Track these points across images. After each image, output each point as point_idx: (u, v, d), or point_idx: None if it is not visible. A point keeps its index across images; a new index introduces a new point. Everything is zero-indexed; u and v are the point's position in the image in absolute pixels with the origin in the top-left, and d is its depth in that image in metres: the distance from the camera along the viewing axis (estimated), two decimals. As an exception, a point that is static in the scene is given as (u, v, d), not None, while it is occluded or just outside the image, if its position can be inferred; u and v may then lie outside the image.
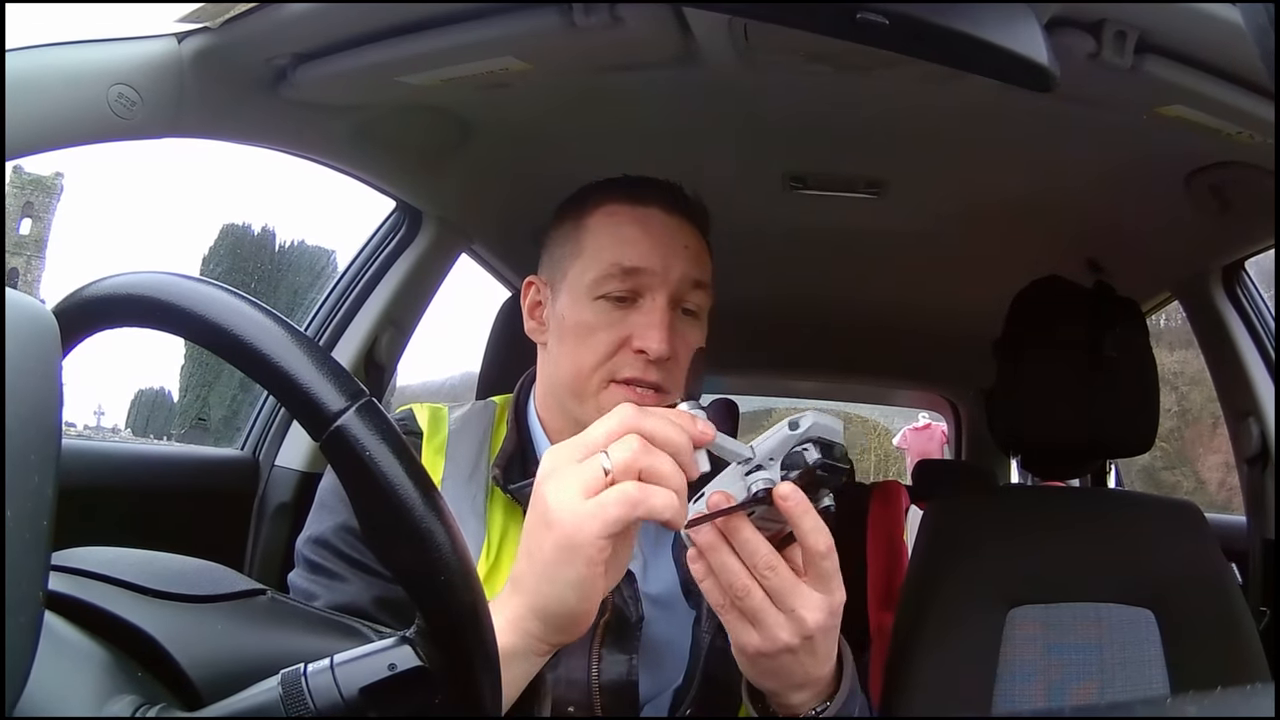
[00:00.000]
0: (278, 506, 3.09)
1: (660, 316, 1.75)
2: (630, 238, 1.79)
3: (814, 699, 1.49)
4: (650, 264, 1.76)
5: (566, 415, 1.84)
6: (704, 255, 1.87)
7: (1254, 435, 3.01)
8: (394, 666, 0.88)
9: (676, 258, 1.79)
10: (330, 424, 0.82)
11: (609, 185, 1.89)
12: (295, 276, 22.04)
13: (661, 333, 1.73)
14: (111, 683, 0.84)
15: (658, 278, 1.77)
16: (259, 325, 0.84)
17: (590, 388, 1.78)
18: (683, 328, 1.81)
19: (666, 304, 1.77)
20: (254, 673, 0.89)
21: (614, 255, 1.77)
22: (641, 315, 1.76)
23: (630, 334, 1.75)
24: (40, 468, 0.65)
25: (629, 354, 1.76)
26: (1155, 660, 2.32)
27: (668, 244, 1.79)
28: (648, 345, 1.73)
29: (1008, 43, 1.36)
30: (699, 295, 1.83)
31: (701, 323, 1.87)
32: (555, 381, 1.86)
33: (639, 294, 1.77)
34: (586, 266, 1.80)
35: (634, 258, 1.76)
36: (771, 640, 1.39)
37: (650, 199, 1.83)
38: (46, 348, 0.70)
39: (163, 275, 0.85)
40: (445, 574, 0.85)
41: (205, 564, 1.03)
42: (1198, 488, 19.16)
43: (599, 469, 1.32)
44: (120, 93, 1.81)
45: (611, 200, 1.84)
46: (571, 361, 1.80)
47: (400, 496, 0.83)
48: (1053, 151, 2.55)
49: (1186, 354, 15.95)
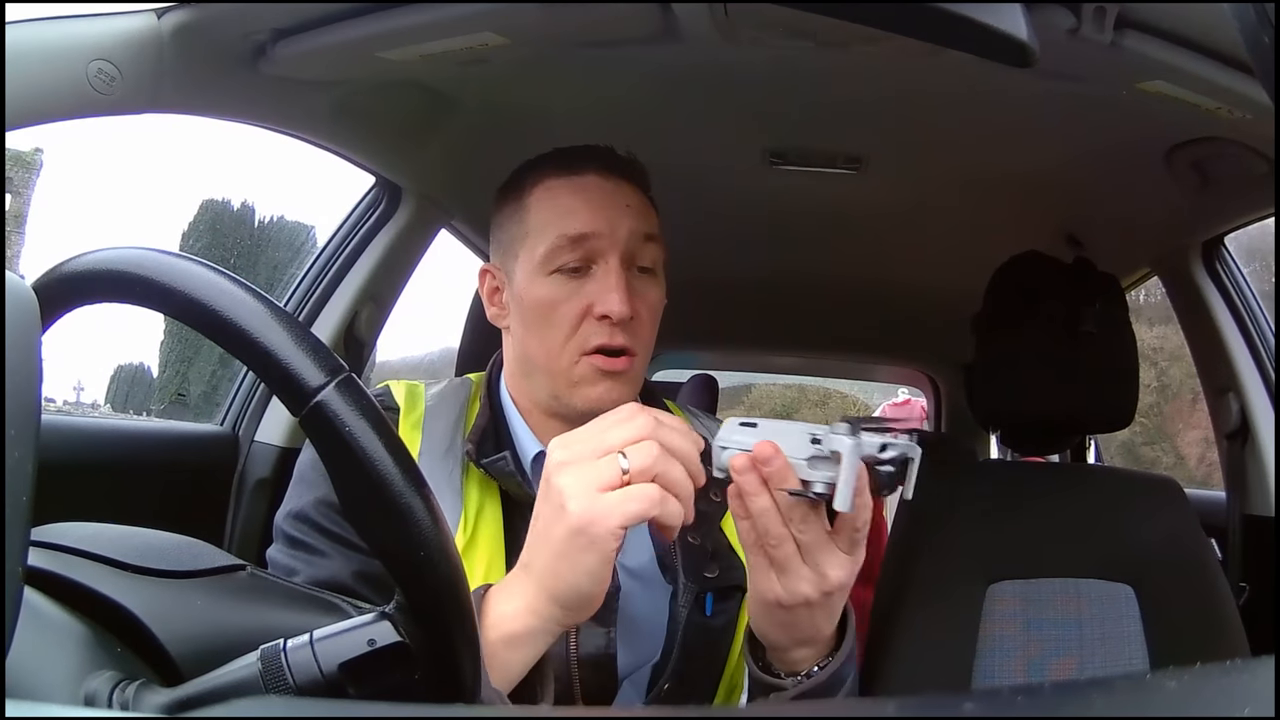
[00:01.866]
0: (257, 482, 3.08)
1: (616, 278, 1.75)
2: (572, 207, 1.79)
3: (814, 656, 1.49)
4: (596, 228, 1.77)
5: (540, 393, 1.85)
6: (648, 210, 1.87)
7: (1233, 410, 3.02)
8: (373, 642, 0.88)
9: (621, 216, 1.79)
10: (310, 399, 0.83)
11: (543, 161, 1.89)
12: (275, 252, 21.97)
13: (620, 294, 1.74)
14: (90, 658, 0.84)
15: (605, 240, 1.77)
16: (238, 301, 0.84)
17: (563, 364, 1.79)
18: (641, 286, 1.82)
19: (619, 265, 1.77)
20: (233, 648, 0.89)
21: (559, 227, 1.78)
22: (597, 281, 1.77)
23: (591, 302, 1.76)
24: (20, 443, 0.65)
25: (593, 322, 1.76)
26: (1134, 636, 2.33)
27: (610, 205, 1.80)
28: (609, 308, 1.74)
29: (988, 18, 1.36)
30: (651, 249, 1.84)
31: (659, 279, 1.87)
32: (526, 362, 1.86)
33: (591, 260, 1.78)
34: (535, 244, 1.80)
35: (579, 225, 1.77)
36: (792, 592, 1.39)
37: (585, 166, 1.84)
38: (26, 323, 0.70)
39: (142, 251, 0.85)
40: (425, 549, 0.85)
41: (185, 539, 1.03)
42: (1177, 463, 19.22)
43: (617, 469, 1.33)
44: (100, 68, 1.80)
45: (548, 175, 1.85)
46: (540, 341, 1.81)
47: (380, 472, 0.83)
48: (1033, 127, 2.55)
49: (1166, 329, 16.01)
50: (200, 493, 3.04)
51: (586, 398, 1.78)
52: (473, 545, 1.71)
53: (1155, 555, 2.36)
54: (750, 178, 3.06)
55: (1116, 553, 2.37)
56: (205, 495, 3.04)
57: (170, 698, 0.84)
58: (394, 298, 3.36)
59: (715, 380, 5.36)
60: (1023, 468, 2.84)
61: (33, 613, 0.83)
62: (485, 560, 1.69)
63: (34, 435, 0.67)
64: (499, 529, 1.75)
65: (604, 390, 1.78)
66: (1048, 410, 2.49)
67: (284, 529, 1.74)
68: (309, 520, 1.70)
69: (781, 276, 4.20)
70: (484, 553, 1.69)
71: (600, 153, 1.88)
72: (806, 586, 1.39)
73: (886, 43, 2.00)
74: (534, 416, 1.88)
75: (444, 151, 2.80)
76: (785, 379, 16.46)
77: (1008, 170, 2.88)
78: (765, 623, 1.48)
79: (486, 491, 1.78)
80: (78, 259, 0.86)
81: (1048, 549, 2.38)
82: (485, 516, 1.76)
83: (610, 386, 1.79)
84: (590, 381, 1.78)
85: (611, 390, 1.79)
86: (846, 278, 4.23)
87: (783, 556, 1.39)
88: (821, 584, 1.38)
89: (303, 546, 1.69)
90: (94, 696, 0.81)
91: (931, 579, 2.36)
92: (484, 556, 1.68)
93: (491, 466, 1.75)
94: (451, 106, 2.59)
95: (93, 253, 0.86)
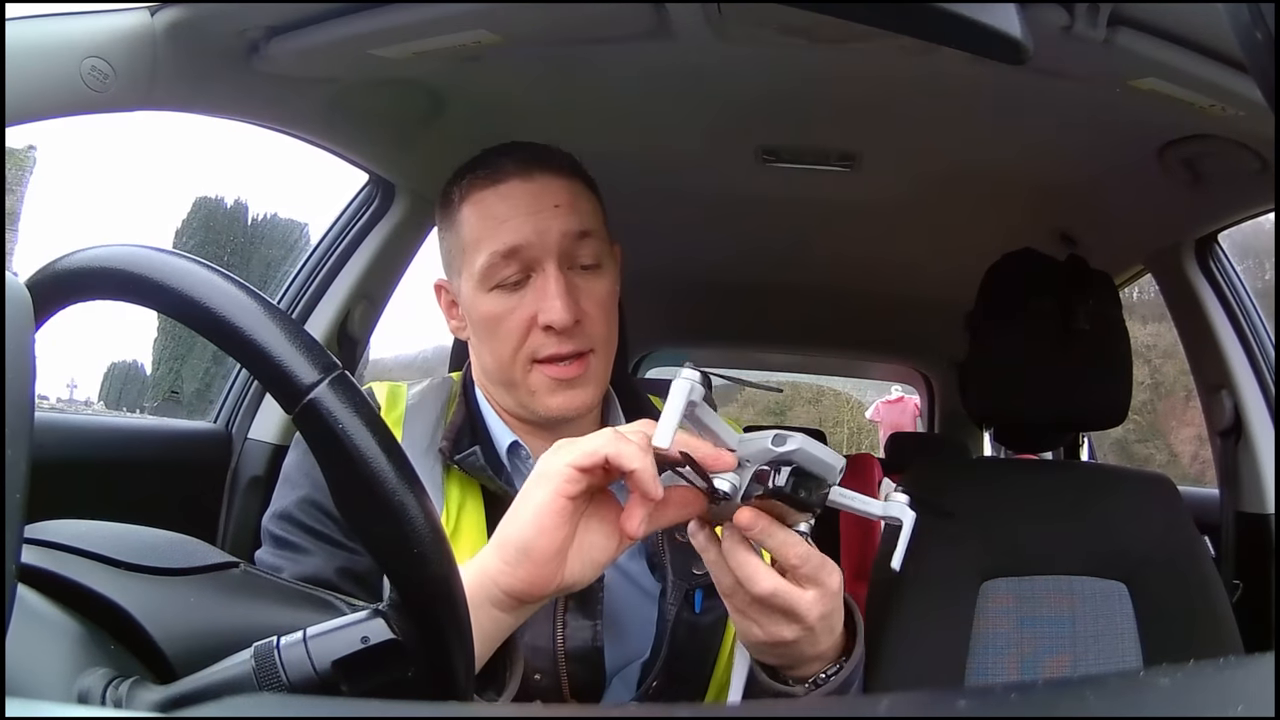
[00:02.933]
0: (250, 479, 3.08)
1: (554, 286, 1.75)
2: (498, 217, 1.78)
3: (823, 665, 1.49)
4: (524, 238, 1.76)
5: (507, 400, 1.87)
6: (580, 203, 1.84)
7: (1227, 408, 3.02)
8: (367, 639, 0.88)
9: (550, 220, 1.77)
10: (303, 397, 0.82)
11: (468, 171, 1.87)
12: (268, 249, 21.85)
13: (561, 301, 1.74)
14: (84, 655, 0.84)
15: (537, 248, 1.76)
16: (232, 298, 0.84)
17: (516, 375, 1.80)
18: (586, 284, 1.81)
19: (556, 271, 1.76)
20: (227, 645, 0.89)
21: (489, 244, 1.77)
22: (535, 291, 1.77)
23: (534, 312, 1.76)
24: (13, 441, 0.65)
25: (539, 332, 1.77)
26: (1128, 633, 2.33)
27: (535, 210, 1.78)
28: (551, 319, 1.74)
29: (980, 16, 1.36)
30: (589, 245, 1.82)
31: (605, 270, 1.86)
32: (487, 373, 1.88)
33: (529, 269, 1.78)
34: (472, 260, 1.80)
35: (506, 238, 1.76)
36: (772, 635, 1.39)
37: (505, 172, 1.81)
38: (19, 321, 0.70)
39: (135, 248, 0.85)
40: (418, 546, 0.85)
41: (178, 537, 1.03)
42: (1171, 461, 19.19)
43: (579, 445, 1.32)
44: (93, 65, 1.80)
45: (473, 187, 1.83)
46: (491, 353, 1.83)
47: (373, 469, 0.83)
48: (1026, 125, 2.56)
49: (1160, 327, 15.95)
50: (193, 490, 3.04)
51: (549, 406, 1.80)
52: (455, 542, 1.71)
53: (1149, 553, 2.37)
54: (743, 175, 3.06)
55: (1110, 550, 2.37)
56: (198, 493, 3.04)
57: (164, 695, 0.84)
58: (387, 295, 3.35)
59: (708, 377, 5.36)
60: (1016, 465, 2.85)
61: (26, 610, 0.83)
62: (468, 557, 1.69)
63: (27, 433, 0.67)
64: (481, 525, 1.76)
65: (565, 399, 1.80)
66: (1041, 407, 2.49)
67: (270, 530, 1.75)
68: (292, 519, 1.71)
69: (774, 274, 4.20)
70: (466, 549, 1.67)
71: (518, 152, 1.86)
72: (785, 631, 1.39)
73: (879, 40, 2.00)
74: (507, 418, 1.89)
75: (437, 149, 2.78)
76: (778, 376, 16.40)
77: (1001, 167, 2.88)
78: (763, 656, 1.48)
79: (467, 489, 1.79)
80: (71, 256, 0.86)
81: (1041, 546, 2.39)
82: (467, 513, 1.77)
83: (570, 395, 1.80)
84: (548, 391, 1.80)
85: (573, 397, 1.80)
86: (839, 275, 4.23)
87: (742, 606, 1.40)
88: (799, 625, 1.38)
89: (287, 545, 1.70)
90: (87, 694, 0.81)
91: (924, 576, 2.35)
92: (466, 553, 1.68)
93: (464, 462, 1.76)
94: (444, 104, 2.60)
95: (86, 250, 0.86)
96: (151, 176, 23.91)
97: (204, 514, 3.03)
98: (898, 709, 0.61)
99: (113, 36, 1.84)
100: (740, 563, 1.35)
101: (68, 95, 1.79)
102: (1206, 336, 3.06)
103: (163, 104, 2.02)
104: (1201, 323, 3.07)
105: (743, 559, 1.35)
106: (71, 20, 1.80)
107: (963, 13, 1.33)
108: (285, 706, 0.75)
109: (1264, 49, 0.68)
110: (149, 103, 1.97)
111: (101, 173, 21.14)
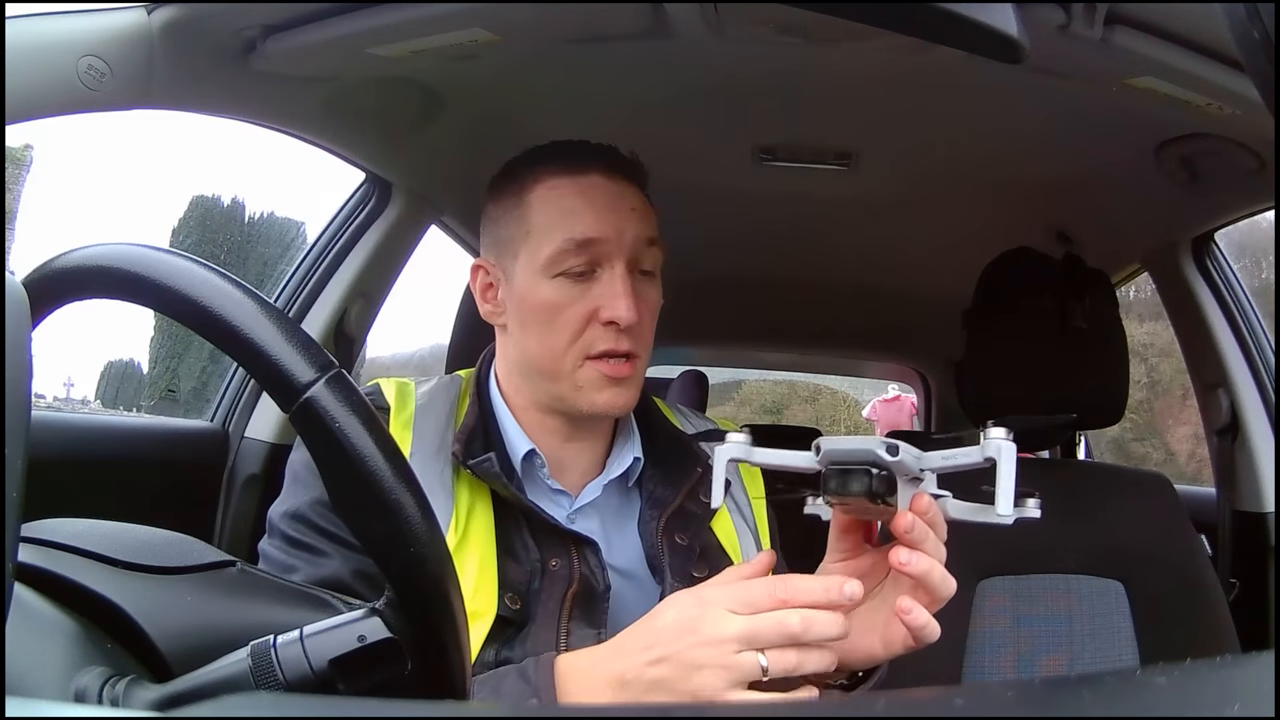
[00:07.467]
0: (247, 478, 3.08)
1: (623, 285, 1.74)
2: (577, 209, 1.77)
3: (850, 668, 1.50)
4: (603, 233, 1.75)
5: (539, 393, 1.84)
6: (650, 212, 1.85)
7: (1223, 407, 3.03)
8: (363, 638, 0.88)
9: (626, 221, 1.78)
10: (299, 396, 0.82)
11: (544, 156, 1.86)
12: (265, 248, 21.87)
13: (628, 300, 1.73)
14: (81, 654, 0.84)
15: (612, 245, 1.76)
16: (228, 297, 0.83)
17: (566, 367, 1.78)
18: (643, 290, 1.81)
19: (625, 270, 1.76)
20: (223, 644, 0.89)
21: (565, 231, 1.76)
22: (603, 286, 1.76)
23: (597, 306, 1.75)
24: (10, 439, 0.65)
25: (599, 327, 1.76)
26: (1125, 632, 2.33)
27: (615, 209, 1.78)
28: (617, 315, 1.73)
29: (977, 14, 1.36)
30: (653, 253, 1.83)
31: (658, 281, 1.87)
32: (525, 364, 1.85)
33: (597, 264, 1.77)
34: (538, 245, 1.78)
35: (585, 230, 1.75)
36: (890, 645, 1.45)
37: (590, 166, 1.82)
38: (16, 320, 0.70)
39: (132, 247, 0.85)
40: (415, 545, 0.85)
41: (174, 535, 1.03)
42: (1167, 459, 19.21)
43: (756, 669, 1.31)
44: (90, 64, 1.80)
45: (550, 173, 1.82)
46: (541, 343, 1.80)
47: (370, 468, 0.83)
48: (1022, 123, 2.56)
49: (1156, 325, 15.98)
50: (190, 489, 3.03)
51: (593, 402, 1.79)
52: (464, 545, 1.70)
53: (1145, 551, 2.37)
54: (740, 174, 3.07)
55: (1106, 549, 2.37)
56: (195, 491, 3.04)
57: (160, 694, 0.84)
58: (384, 294, 3.35)
59: (705, 376, 5.36)
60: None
61: (23, 609, 0.83)
62: (477, 559, 1.67)
63: (24, 431, 0.67)
64: (490, 528, 1.74)
65: (611, 396, 1.79)
66: (1038, 406, 2.49)
67: (281, 528, 1.72)
68: (307, 520, 1.69)
69: (771, 272, 4.20)
70: (475, 552, 1.67)
71: (604, 151, 1.85)
72: (900, 645, 1.44)
73: (876, 39, 2.00)
74: (529, 414, 1.87)
75: (434, 147, 2.79)
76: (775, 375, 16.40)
77: (998, 166, 2.88)
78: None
79: (477, 491, 1.77)
80: (68, 255, 0.86)
81: (1038, 545, 2.39)
82: (476, 516, 1.74)
83: (617, 392, 1.79)
84: (596, 387, 1.78)
85: (618, 396, 1.79)
86: (836, 273, 4.22)
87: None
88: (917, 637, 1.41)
89: (303, 547, 1.68)
90: (84, 693, 0.81)
91: (921, 575, 2.35)
92: (475, 556, 1.67)
93: (478, 468, 1.74)
94: (442, 102, 2.60)
95: (83, 249, 0.86)
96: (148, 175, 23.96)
97: (201, 512, 3.02)
98: (894, 708, 0.61)
99: (109, 35, 1.84)
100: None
101: (64, 94, 1.79)
102: (1203, 335, 3.06)
103: (159, 102, 2.02)
104: (1198, 321, 3.07)
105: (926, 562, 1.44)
106: (68, 19, 1.80)
107: (960, 11, 1.33)
108: (282, 705, 0.75)
109: (1261, 48, 0.68)
110: (146, 101, 1.96)
111: (98, 171, 21.20)
